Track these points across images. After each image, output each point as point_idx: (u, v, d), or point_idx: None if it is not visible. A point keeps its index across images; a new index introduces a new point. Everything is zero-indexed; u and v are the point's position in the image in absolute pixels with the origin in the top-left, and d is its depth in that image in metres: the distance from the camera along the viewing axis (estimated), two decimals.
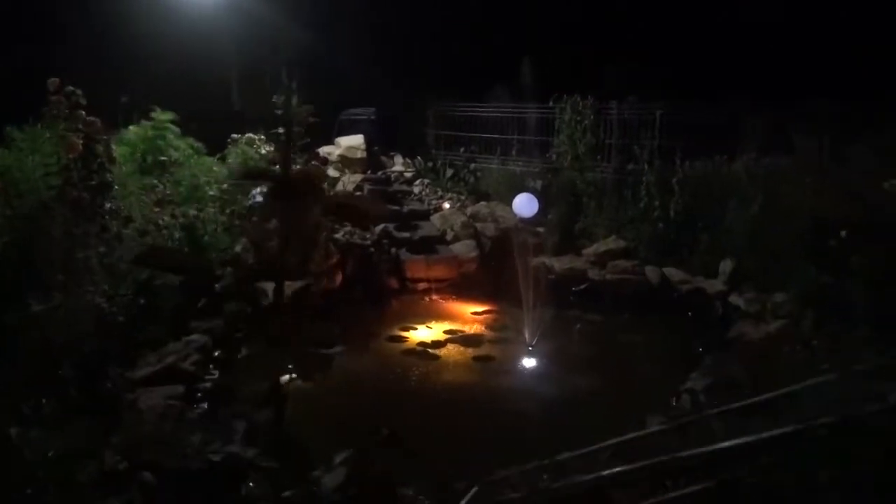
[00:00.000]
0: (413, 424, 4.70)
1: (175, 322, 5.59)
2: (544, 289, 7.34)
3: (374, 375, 5.61)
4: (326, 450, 1.57)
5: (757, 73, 8.92)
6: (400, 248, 8.15)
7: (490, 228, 8.57)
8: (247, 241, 7.25)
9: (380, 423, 4.50)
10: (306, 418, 4.64)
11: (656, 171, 8.56)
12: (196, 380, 4.85)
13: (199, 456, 1.69)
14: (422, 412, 4.95)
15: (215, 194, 7.64)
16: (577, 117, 9.32)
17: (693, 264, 7.93)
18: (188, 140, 8.40)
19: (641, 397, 4.81)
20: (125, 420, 4.02)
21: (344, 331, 6.77)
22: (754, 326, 5.73)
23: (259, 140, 8.67)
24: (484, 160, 10.53)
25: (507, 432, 4.55)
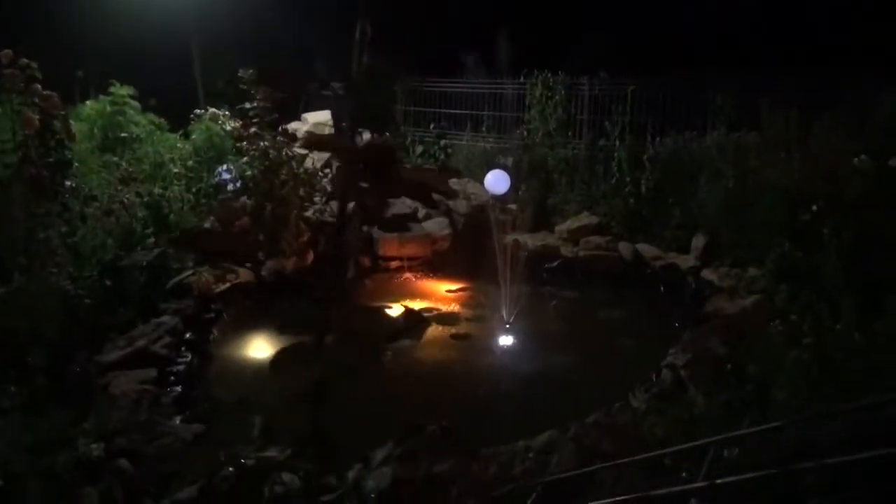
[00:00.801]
0: (396, 406, 4.66)
1: (143, 304, 5.41)
2: (518, 266, 7.31)
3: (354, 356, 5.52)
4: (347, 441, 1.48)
5: (727, 47, 8.92)
6: (372, 227, 8.02)
7: (462, 206, 8.49)
8: (214, 219, 7.07)
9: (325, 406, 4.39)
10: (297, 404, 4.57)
11: (628, 147, 8.57)
12: (168, 363, 4.70)
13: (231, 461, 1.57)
14: (403, 393, 4.88)
15: (180, 172, 7.40)
16: (547, 93, 9.27)
17: (665, 240, 7.98)
18: (149, 116, 8.11)
19: (622, 373, 4.82)
20: (97, 406, 3.88)
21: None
22: (730, 301, 5.78)
23: (224, 116, 8.40)
24: (454, 136, 10.42)
25: (491, 410, 4.52)
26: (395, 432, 3.48)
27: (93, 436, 3.62)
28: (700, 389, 4.16)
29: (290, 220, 7.10)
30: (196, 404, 4.37)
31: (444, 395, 4.84)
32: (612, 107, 8.81)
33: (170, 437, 3.58)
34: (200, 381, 4.83)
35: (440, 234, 8.13)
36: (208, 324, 5.67)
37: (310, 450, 3.02)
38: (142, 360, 4.50)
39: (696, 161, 8.11)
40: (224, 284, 6.26)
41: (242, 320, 6.09)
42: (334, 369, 5.11)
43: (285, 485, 2.89)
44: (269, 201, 7.08)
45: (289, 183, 7.24)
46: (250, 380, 5.12)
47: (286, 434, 3.66)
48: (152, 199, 6.68)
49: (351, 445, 3.67)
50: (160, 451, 3.49)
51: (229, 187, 7.56)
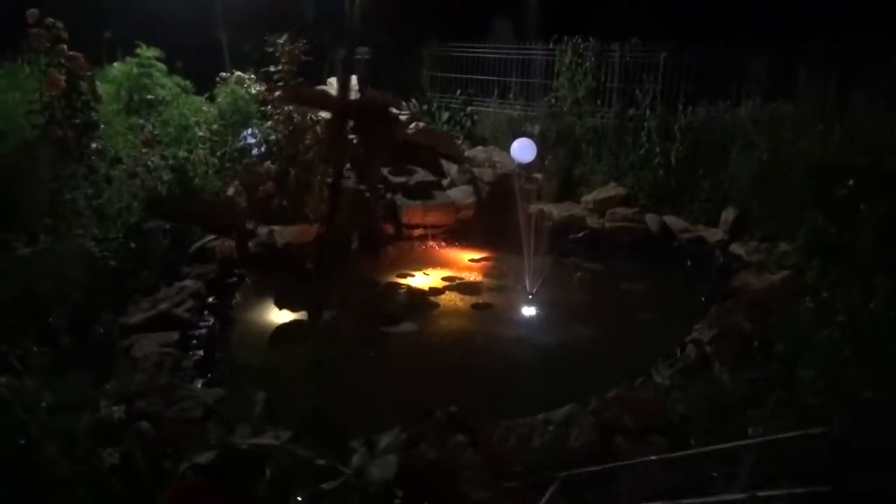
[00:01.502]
0: (417, 376, 4.65)
1: (166, 267, 5.45)
2: (542, 236, 7.22)
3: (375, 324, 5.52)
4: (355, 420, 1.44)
5: (763, 12, 8.59)
6: (395, 194, 7.96)
7: (487, 174, 8.38)
8: (238, 184, 7.07)
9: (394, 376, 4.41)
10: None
11: (658, 117, 8.36)
12: (191, 326, 4.73)
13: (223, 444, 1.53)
14: (424, 363, 4.87)
15: (204, 135, 7.39)
16: (577, 60, 9.04)
17: (694, 212, 7.82)
18: (175, 78, 8.09)
19: (645, 347, 4.75)
20: (119, 369, 3.91)
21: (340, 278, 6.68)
22: (757, 276, 5.65)
23: (249, 79, 8.35)
24: (481, 103, 10.25)
25: (512, 382, 4.50)
26: (408, 412, 3.49)
27: (114, 398, 3.66)
28: (725, 366, 4.08)
29: (313, 186, 7.07)
30: (217, 368, 4.40)
31: (465, 365, 4.81)
32: (644, 75, 8.55)
33: (190, 401, 3.60)
34: (222, 345, 4.86)
35: (464, 203, 8.05)
36: (230, 288, 5.69)
37: (313, 432, 3.03)
38: (164, 322, 4.53)
39: (728, 132, 7.88)
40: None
41: (264, 285, 6.11)
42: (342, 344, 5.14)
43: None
44: (294, 166, 7.05)
45: (313, 148, 7.18)
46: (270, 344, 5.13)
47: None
48: (177, 162, 6.69)
49: (361, 424, 3.66)
50: (180, 414, 3.51)
51: (254, 151, 7.55)
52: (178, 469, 3.10)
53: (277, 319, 5.40)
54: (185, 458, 3.35)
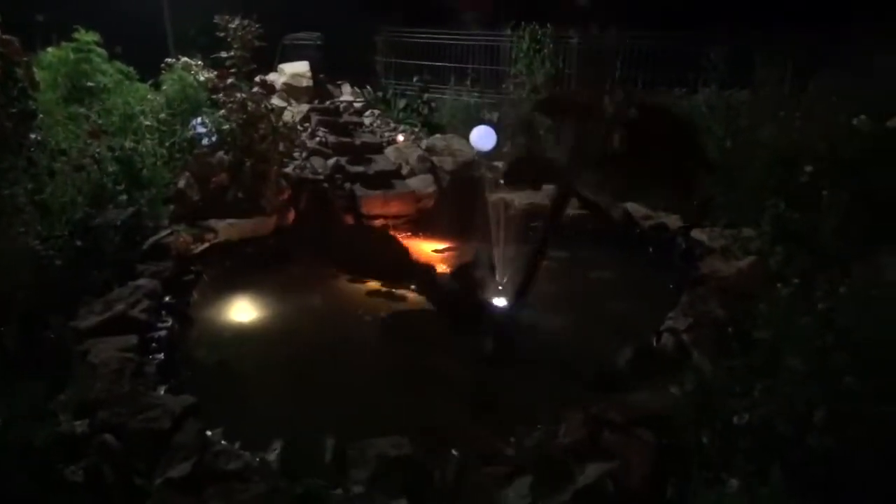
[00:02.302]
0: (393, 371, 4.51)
1: (118, 265, 5.13)
2: (505, 225, 7.13)
3: (344, 320, 5.34)
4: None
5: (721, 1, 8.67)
6: (354, 183, 7.74)
7: (448, 162, 8.24)
8: (190, 175, 6.74)
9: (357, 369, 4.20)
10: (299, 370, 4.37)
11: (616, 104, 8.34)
12: (149, 328, 4.46)
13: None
14: (400, 358, 4.73)
15: (151, 125, 7.02)
16: (535, 46, 8.96)
17: (655, 198, 7.84)
18: (116, 64, 7.67)
19: (621, 336, 4.70)
20: (77, 377, 3.65)
21: (302, 271, 6.46)
22: (725, 262, 5.68)
23: (197, 66, 7.97)
24: (437, 90, 10.08)
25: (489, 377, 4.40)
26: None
27: (72, 409, 3.41)
28: (704, 355, 4.07)
29: (270, 177, 6.80)
30: (181, 372, 4.16)
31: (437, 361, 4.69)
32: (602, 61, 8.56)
33: (157, 409, 3.37)
34: (183, 347, 4.61)
35: (425, 192, 7.89)
36: (188, 286, 5.42)
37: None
38: (121, 325, 4.25)
39: None
40: (203, 244, 6.00)
41: (223, 281, 5.85)
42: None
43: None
44: (248, 157, 6.76)
45: (268, 137, 6.90)
46: (234, 345, 4.90)
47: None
48: (123, 153, 6.33)
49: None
50: (147, 424, 3.28)
51: (204, 141, 7.21)
52: (151, 486, 2.91)
53: (236, 317, 5.15)
54: (157, 472, 3.15)
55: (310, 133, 8.47)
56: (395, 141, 8.88)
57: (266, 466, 3.12)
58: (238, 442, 3.40)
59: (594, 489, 3.01)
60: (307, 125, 8.72)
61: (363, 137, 8.82)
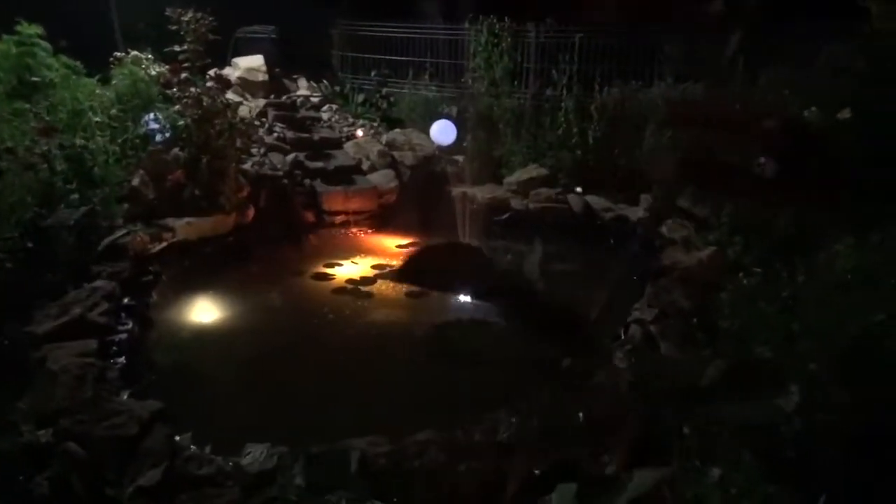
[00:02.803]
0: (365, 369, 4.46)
1: (73, 267, 4.95)
2: (468, 219, 7.15)
3: (311, 318, 5.25)
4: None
5: None
6: (314, 180, 7.63)
7: (408, 157, 8.19)
8: (144, 173, 6.53)
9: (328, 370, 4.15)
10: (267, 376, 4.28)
11: (575, 97, 8.43)
12: (109, 332, 4.31)
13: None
14: (371, 357, 4.68)
15: (102, 121, 6.77)
16: (493, 40, 8.95)
17: (612, 190, 7.95)
18: (62, 58, 7.38)
19: (590, 329, 4.75)
20: (36, 384, 3.50)
21: (264, 270, 6.34)
22: (686, 253, 5.78)
23: (147, 59, 7.72)
24: (395, 84, 9.99)
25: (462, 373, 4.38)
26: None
27: (33, 418, 3.27)
28: (672, 345, 4.13)
29: (228, 174, 6.64)
30: (144, 377, 4.04)
31: (408, 359, 4.66)
32: (560, 56, 8.59)
33: (123, 415, 3.25)
34: (145, 350, 4.47)
35: (387, 187, 7.83)
36: (147, 287, 5.25)
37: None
38: (79, 329, 4.10)
39: (642, 112, 8.05)
40: (160, 244, 5.82)
41: (182, 282, 5.70)
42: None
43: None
44: (205, 153, 6.58)
45: (225, 133, 6.74)
46: (198, 347, 4.78)
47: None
48: (73, 150, 6.09)
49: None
50: (113, 431, 3.17)
51: (158, 138, 7.00)
52: (122, 495, 2.81)
53: (198, 318, 5.03)
54: (126, 481, 3.04)
55: (267, 128, 8.32)
56: (355, 136, 8.79)
57: (239, 471, 3.04)
58: (208, 446, 3.31)
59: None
60: (264, 120, 8.56)
61: (322, 132, 8.70)
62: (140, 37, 8.80)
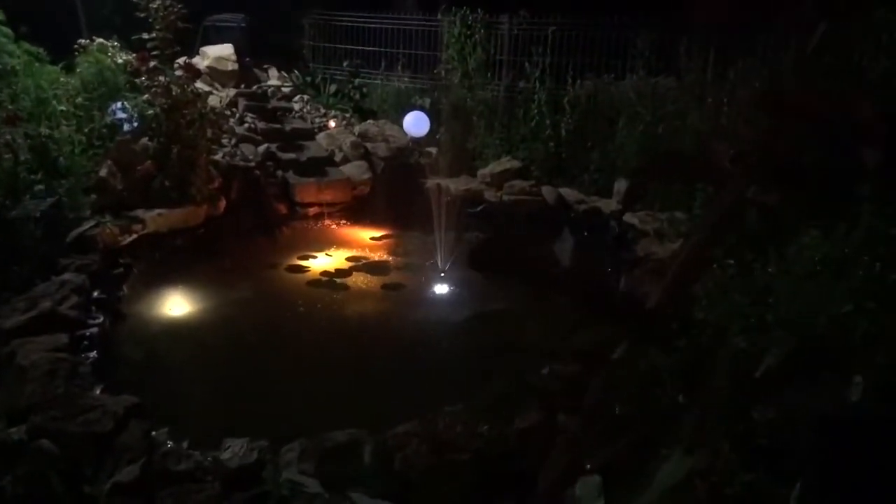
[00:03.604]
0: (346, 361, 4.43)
1: (40, 260, 4.82)
2: (442, 211, 7.13)
3: (286, 311, 5.20)
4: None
5: None
6: (287, 171, 7.55)
7: (381, 149, 8.14)
8: (112, 163, 6.39)
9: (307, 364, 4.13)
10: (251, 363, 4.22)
11: (547, 90, 8.46)
12: (79, 325, 4.22)
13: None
14: (350, 349, 4.65)
15: (67, 110, 6.61)
16: (466, 31, 8.92)
17: (584, 183, 8.01)
18: (24, 45, 7.18)
19: (565, 318, 4.78)
20: (5, 380, 3.41)
21: (237, 262, 6.25)
22: (660, 245, 5.86)
23: (113, 47, 7.55)
24: (367, 75, 9.91)
25: (442, 365, 4.39)
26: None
27: (3, 415, 3.19)
28: None
29: (199, 164, 6.52)
30: (118, 372, 3.96)
31: (390, 350, 4.65)
32: (533, 48, 8.60)
33: (97, 411, 3.19)
34: (117, 344, 4.39)
35: (360, 179, 7.78)
36: (117, 280, 5.15)
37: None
38: (49, 323, 4.00)
39: (614, 105, 8.12)
40: (130, 236, 5.71)
41: (153, 275, 5.59)
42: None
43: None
44: (175, 143, 6.46)
45: (195, 123, 6.62)
46: (171, 341, 4.71)
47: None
48: (37, 140, 5.93)
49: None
50: (87, 427, 3.10)
51: (125, 127, 6.85)
52: (99, 493, 2.75)
53: (171, 311, 4.95)
54: (101, 477, 2.98)
55: (238, 119, 8.19)
56: (327, 127, 8.70)
57: (219, 466, 3.00)
58: (186, 441, 3.27)
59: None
60: (234, 110, 8.43)
61: (293, 123, 8.60)
62: (105, 24, 8.60)
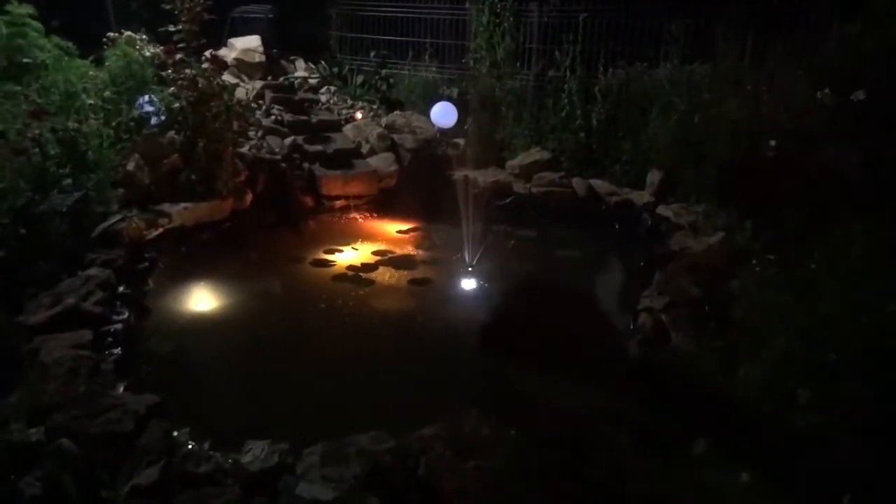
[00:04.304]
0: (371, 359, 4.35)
1: (67, 255, 4.81)
2: (470, 204, 7.00)
3: (310, 306, 5.13)
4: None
5: None
6: (313, 163, 7.48)
7: (408, 140, 8.03)
8: (139, 157, 6.38)
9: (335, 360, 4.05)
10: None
11: (578, 79, 8.26)
12: (104, 322, 4.18)
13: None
14: (376, 346, 4.57)
15: (95, 103, 6.60)
16: (495, 20, 8.75)
17: (615, 175, 7.82)
18: (54, 39, 7.19)
19: (599, 318, 4.64)
20: (27, 378, 3.39)
21: (263, 256, 6.21)
22: (695, 239, 5.67)
23: (141, 40, 7.54)
24: (394, 66, 9.80)
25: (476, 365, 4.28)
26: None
27: (24, 414, 3.15)
28: (684, 334, 4.03)
29: (225, 158, 6.48)
30: (141, 369, 3.92)
31: (417, 349, 4.55)
32: (563, 36, 8.39)
33: (117, 410, 3.14)
34: (141, 341, 4.35)
35: (387, 171, 7.68)
36: (142, 275, 5.13)
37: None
38: (73, 319, 3.96)
39: (647, 94, 7.89)
40: (156, 230, 5.69)
41: (179, 269, 5.57)
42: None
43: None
44: (201, 137, 6.42)
45: (221, 116, 6.57)
46: (195, 337, 4.67)
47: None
48: (66, 134, 5.93)
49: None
50: (107, 427, 3.06)
51: (153, 121, 6.82)
52: (118, 497, 2.70)
53: (195, 307, 4.88)
54: (120, 479, 2.93)
55: (264, 111, 8.15)
56: (354, 118, 8.62)
57: (240, 469, 2.93)
58: (207, 442, 3.21)
59: None
60: (261, 102, 8.39)
61: (320, 115, 8.53)
62: (133, 17, 8.62)
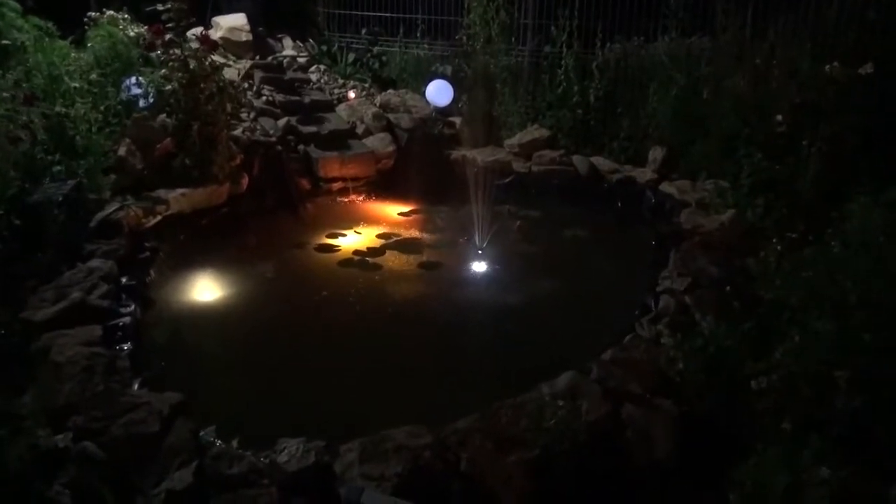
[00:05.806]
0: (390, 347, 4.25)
1: (65, 245, 4.62)
2: (469, 184, 6.87)
3: (319, 294, 4.99)
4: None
5: None
6: (308, 145, 7.29)
7: (405, 120, 7.85)
8: (130, 142, 6.15)
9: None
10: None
11: (575, 54, 8.12)
12: (111, 315, 4.02)
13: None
14: (393, 334, 4.45)
15: (81, 86, 6.34)
16: None
17: (614, 151, 7.72)
18: (32, 19, 6.88)
19: (618, 300, 4.56)
20: (40, 378, 3.23)
21: (264, 242, 6.05)
22: (706, 216, 5.60)
23: (124, 20, 7.25)
24: (384, 43, 9.57)
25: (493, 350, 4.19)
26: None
27: (40, 416, 3.00)
28: (710, 317, 3.96)
29: (220, 141, 6.27)
30: (155, 364, 3.78)
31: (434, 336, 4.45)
32: (559, 10, 8.22)
33: (141, 410, 3.00)
34: (150, 334, 4.20)
35: (384, 152, 7.51)
36: (144, 265, 4.94)
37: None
38: (80, 314, 3.79)
39: (645, 69, 7.78)
40: (154, 218, 5.50)
41: (180, 257, 5.39)
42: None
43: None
44: (195, 119, 6.20)
45: (214, 98, 6.35)
46: (205, 328, 4.52)
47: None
48: (53, 119, 5.69)
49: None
50: (131, 429, 2.92)
51: (141, 103, 6.58)
52: (152, 502, 2.57)
53: (201, 297, 4.71)
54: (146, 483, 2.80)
55: (255, 92, 7.91)
56: (347, 98, 8.41)
57: (276, 468, 2.82)
58: (235, 441, 3.09)
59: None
60: (251, 83, 8.15)
61: (312, 95, 8.31)
62: None
